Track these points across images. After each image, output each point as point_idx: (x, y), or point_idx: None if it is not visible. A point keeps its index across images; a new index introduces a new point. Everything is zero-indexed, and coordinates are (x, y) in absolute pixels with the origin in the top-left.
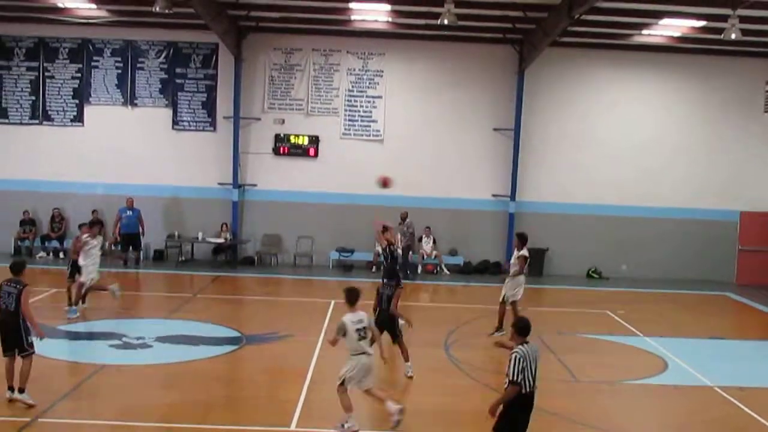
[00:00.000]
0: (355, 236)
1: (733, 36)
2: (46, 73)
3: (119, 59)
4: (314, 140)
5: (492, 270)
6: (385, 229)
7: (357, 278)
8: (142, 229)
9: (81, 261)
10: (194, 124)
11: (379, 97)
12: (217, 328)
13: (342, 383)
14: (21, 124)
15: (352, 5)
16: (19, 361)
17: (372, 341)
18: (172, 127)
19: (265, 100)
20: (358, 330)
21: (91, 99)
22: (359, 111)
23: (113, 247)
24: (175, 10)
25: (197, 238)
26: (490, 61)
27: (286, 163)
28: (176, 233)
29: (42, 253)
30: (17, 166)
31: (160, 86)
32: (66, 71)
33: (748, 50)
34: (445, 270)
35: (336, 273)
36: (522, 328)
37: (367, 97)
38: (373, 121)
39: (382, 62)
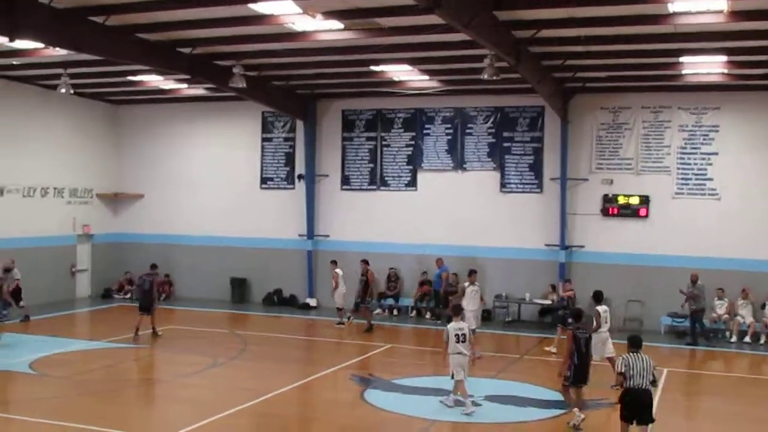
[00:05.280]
0: None
1: None
2: (383, 142)
3: (449, 126)
4: (644, 200)
5: None
6: None
7: (688, 346)
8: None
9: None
10: (521, 186)
11: (715, 153)
12: (543, 391)
13: None
14: (360, 189)
15: (683, 59)
16: None
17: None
18: (500, 190)
19: (593, 160)
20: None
21: (423, 165)
22: (693, 169)
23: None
24: (502, 76)
25: (524, 299)
26: None
27: (615, 224)
28: (504, 293)
29: (378, 310)
30: (357, 228)
31: (488, 150)
32: (401, 140)
33: None
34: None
35: (667, 339)
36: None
37: (701, 154)
38: (709, 179)
39: (718, 117)
